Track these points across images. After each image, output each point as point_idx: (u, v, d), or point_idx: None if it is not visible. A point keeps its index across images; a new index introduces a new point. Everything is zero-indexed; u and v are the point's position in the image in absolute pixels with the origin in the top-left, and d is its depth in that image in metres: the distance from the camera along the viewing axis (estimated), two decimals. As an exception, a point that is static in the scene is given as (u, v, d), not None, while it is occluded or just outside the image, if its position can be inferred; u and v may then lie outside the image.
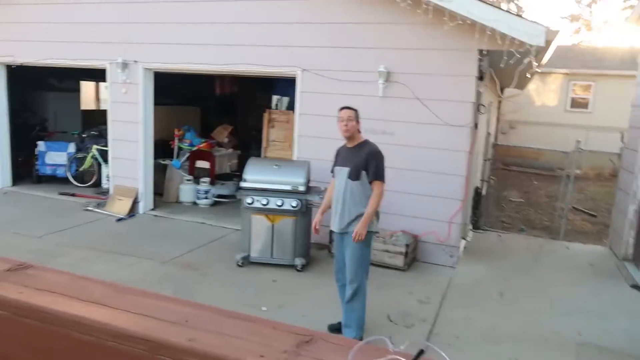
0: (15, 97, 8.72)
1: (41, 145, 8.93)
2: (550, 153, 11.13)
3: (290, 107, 7.14)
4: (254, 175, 5.47)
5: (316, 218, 4.16)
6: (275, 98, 8.30)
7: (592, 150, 10.29)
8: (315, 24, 6.16)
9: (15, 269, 0.89)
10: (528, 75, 8.18)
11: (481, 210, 7.90)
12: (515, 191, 11.52)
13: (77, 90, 11.37)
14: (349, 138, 3.90)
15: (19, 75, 8.49)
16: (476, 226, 7.68)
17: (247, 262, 5.47)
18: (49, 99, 10.25)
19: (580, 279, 5.79)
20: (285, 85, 6.90)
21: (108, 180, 8.03)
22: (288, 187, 5.35)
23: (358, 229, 3.73)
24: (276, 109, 8.16)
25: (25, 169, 8.99)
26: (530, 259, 6.41)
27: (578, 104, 17.52)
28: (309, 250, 5.67)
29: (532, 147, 11.83)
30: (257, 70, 6.60)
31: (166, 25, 6.99)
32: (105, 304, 0.84)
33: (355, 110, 3.92)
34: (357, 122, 3.91)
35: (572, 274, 5.94)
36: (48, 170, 8.95)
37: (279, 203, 5.32)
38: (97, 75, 7.75)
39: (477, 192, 7.79)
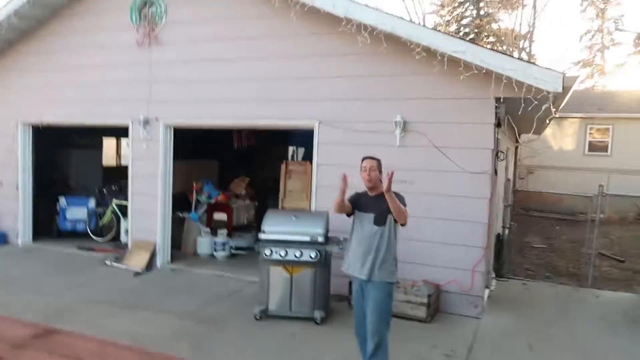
0: (39, 154, 8.99)
1: (62, 201, 9.09)
2: (572, 198, 10.93)
3: (306, 157, 7.21)
4: (273, 227, 5.44)
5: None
6: (291, 149, 8.43)
7: (616, 194, 10.07)
8: (332, 77, 6.30)
9: (41, 335, 0.86)
10: (547, 121, 8.18)
11: (504, 258, 7.69)
12: (537, 237, 11.25)
13: (99, 147, 11.70)
14: (372, 188, 3.91)
15: (44, 133, 8.80)
16: (499, 274, 7.46)
17: (265, 315, 5.35)
18: (71, 156, 10.55)
19: (614, 329, 5.51)
20: (302, 136, 7.00)
21: (126, 234, 8.08)
22: (307, 238, 5.30)
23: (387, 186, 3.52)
24: (293, 159, 8.25)
25: (46, 225, 9.11)
26: (559, 308, 6.15)
27: (596, 147, 17.40)
28: (329, 302, 5.53)
29: (554, 193, 11.65)
30: (275, 123, 6.73)
31: (186, 84, 7.22)
32: None
33: (378, 160, 3.95)
34: (380, 171, 3.92)
35: (605, 324, 5.66)
36: (69, 225, 9.07)
37: (298, 254, 5.25)
38: (119, 131, 7.97)
39: (499, 239, 7.62)
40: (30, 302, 5.75)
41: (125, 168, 7.98)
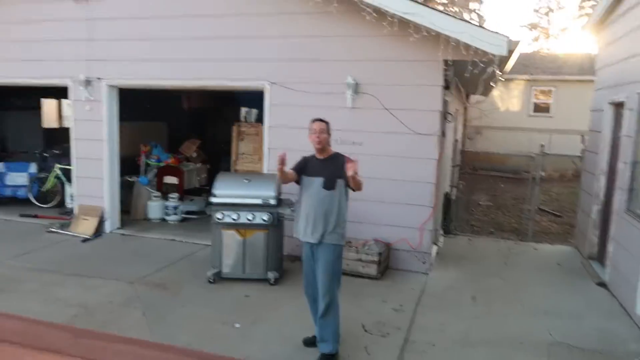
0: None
1: (0, 166, 8.60)
2: (516, 157, 11.41)
3: (259, 119, 7.11)
4: (224, 190, 5.39)
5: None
6: (243, 110, 8.26)
7: (556, 153, 10.59)
8: (283, 37, 6.16)
9: None
10: (493, 84, 8.40)
11: (451, 216, 8.00)
12: (483, 195, 11.74)
13: (38, 108, 11.04)
14: (321, 150, 3.89)
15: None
16: (447, 231, 7.78)
17: (218, 278, 5.37)
18: (8, 119, 9.92)
19: (549, 280, 5.92)
20: (254, 97, 6.86)
21: (72, 200, 7.79)
22: (259, 201, 5.30)
23: (353, 167, 3.53)
24: (245, 121, 8.11)
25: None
26: (501, 261, 6.52)
27: (540, 108, 18.08)
28: (282, 263, 5.61)
29: (499, 153, 12.11)
30: (224, 85, 6.55)
31: (130, 42, 6.87)
32: (61, 351, 0.78)
33: (327, 123, 3.92)
34: (329, 134, 3.91)
35: (541, 275, 6.06)
36: (8, 192, 8.63)
37: (250, 217, 5.25)
38: (59, 92, 7.54)
39: (447, 198, 7.90)
40: (-30, 273, 5.52)
41: (68, 130, 7.60)
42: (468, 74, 5.48)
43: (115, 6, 6.87)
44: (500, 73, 6.04)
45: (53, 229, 7.26)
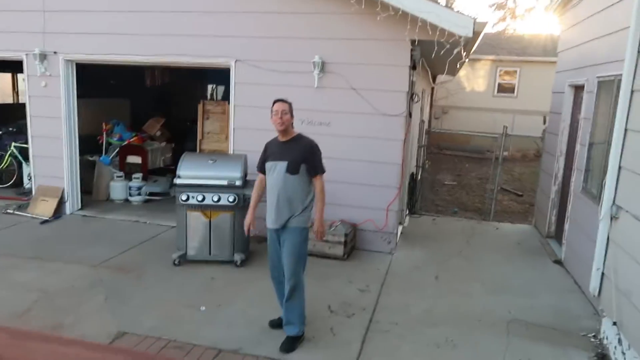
0: None
1: (-50, 145, 8.19)
2: (480, 137, 11.63)
3: (227, 96, 6.95)
4: (189, 171, 5.29)
5: (248, 217, 4.02)
6: (210, 87, 8.09)
7: (518, 134, 10.84)
8: (249, 12, 6.00)
9: None
10: (458, 65, 8.47)
11: (417, 195, 8.13)
12: (448, 175, 11.96)
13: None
14: (283, 132, 3.82)
15: None
16: (412, 211, 7.91)
17: (184, 260, 5.31)
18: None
19: (509, 258, 6.12)
20: (221, 74, 6.69)
21: (30, 180, 7.49)
22: (224, 182, 5.23)
23: (318, 227, 3.81)
24: (212, 99, 7.95)
25: None
26: (463, 241, 6.69)
27: (504, 89, 18.41)
28: (248, 245, 5.59)
29: (464, 132, 12.32)
30: (188, 61, 6.36)
31: (88, 14, 6.55)
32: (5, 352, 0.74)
33: (290, 103, 3.84)
34: (292, 115, 3.83)
35: (502, 254, 6.26)
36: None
37: (216, 199, 5.18)
38: (14, 66, 7.17)
39: (413, 178, 8.00)
40: None
41: (23, 106, 7.26)
42: (434, 54, 5.49)
43: (71, -24, 6.53)
44: (466, 54, 6.08)
45: (10, 211, 6.99)
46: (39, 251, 5.59)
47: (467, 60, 7.28)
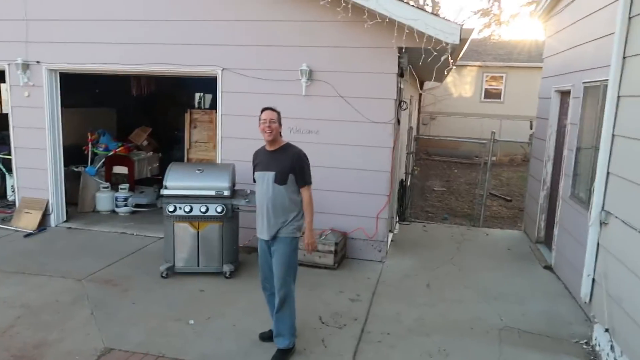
0: None
1: None
2: (468, 142, 11.68)
3: (214, 105, 6.89)
4: (176, 182, 5.21)
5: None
6: (197, 96, 8.02)
7: (506, 140, 10.90)
8: (235, 21, 5.97)
9: None
10: (446, 72, 8.50)
11: (406, 202, 8.12)
12: (437, 181, 11.99)
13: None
14: (271, 141, 3.77)
15: None
16: (402, 218, 7.89)
17: (172, 272, 5.22)
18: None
19: (500, 265, 6.11)
20: (209, 83, 6.63)
21: (13, 192, 7.35)
22: (212, 192, 5.16)
23: (308, 240, 3.73)
24: (199, 107, 7.88)
25: None
26: (453, 247, 6.68)
27: (491, 94, 18.58)
28: (238, 256, 5.51)
29: (452, 138, 12.37)
30: (174, 70, 6.29)
31: (71, 23, 6.47)
32: None
33: (278, 112, 3.79)
34: (280, 124, 3.79)
35: (492, 260, 6.25)
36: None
37: (203, 209, 5.11)
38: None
39: (402, 185, 7.99)
40: None
41: (6, 116, 7.13)
42: (422, 61, 5.49)
43: (54, -15, 6.44)
44: (453, 61, 6.10)
45: (-8, 224, 6.84)
46: (22, 265, 5.45)
47: (454, 66, 7.31)
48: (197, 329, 4.15)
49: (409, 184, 8.53)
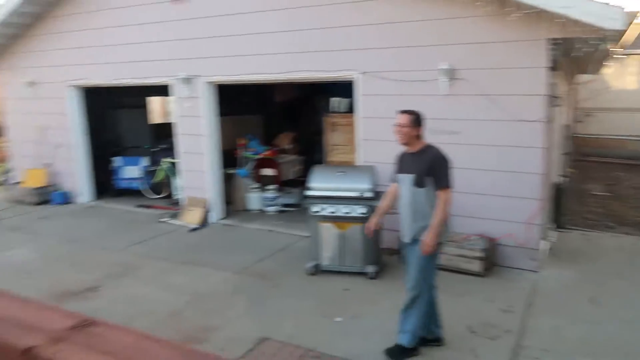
0: (93, 116, 9.27)
1: (116, 161, 9.42)
2: (636, 141, 10.22)
3: (351, 109, 7.00)
4: (320, 183, 5.40)
5: (372, 219, 4.11)
6: (334, 101, 8.23)
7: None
8: (371, 25, 5.99)
9: (80, 325, 0.83)
10: (606, 61, 7.57)
11: (563, 208, 7.37)
12: (597, 184, 10.70)
13: (146, 106, 11.87)
14: (407, 144, 3.72)
15: (93, 97, 9.03)
16: (559, 225, 7.17)
17: (317, 270, 5.42)
18: (121, 116, 10.79)
19: (684, 282, 5.22)
20: (344, 87, 6.77)
21: (179, 191, 8.30)
22: (355, 194, 5.24)
23: (426, 239, 3.54)
24: (336, 112, 8.08)
25: (104, 184, 9.50)
26: (624, 260, 5.88)
27: (663, 85, 16.04)
28: (380, 257, 5.52)
29: (615, 136, 10.92)
30: (315, 76, 6.53)
31: (225, 38, 7.09)
32: None
33: (414, 115, 3.69)
34: (414, 127, 3.67)
35: (673, 276, 5.36)
36: (124, 184, 9.43)
37: (347, 210, 5.22)
38: (163, 90, 8.04)
39: (557, 189, 7.27)
40: (96, 258, 6.10)
41: (170, 126, 8.07)
42: (579, 53, 4.92)
43: (209, 4, 7.11)
44: (617, 49, 5.38)
45: (163, 219, 7.79)
46: (189, 257, 6.12)
47: (614, 56, 6.45)
48: (344, 326, 4.24)
49: (565, 187, 7.74)
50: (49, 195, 9.14)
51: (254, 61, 6.91)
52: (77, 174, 9.13)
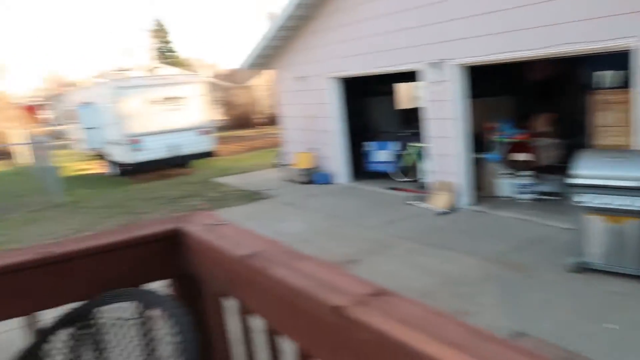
0: (347, 105, 10.22)
1: (368, 145, 10.17)
2: None
3: (624, 83, 5.88)
4: (588, 170, 4.75)
5: None
6: (599, 75, 7.07)
7: None
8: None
9: (377, 293, 0.92)
10: None
11: None
12: None
13: (393, 92, 12.40)
14: None
15: (348, 86, 9.94)
16: None
17: (580, 268, 4.81)
18: (372, 103, 11.57)
19: None
20: (610, 58, 5.72)
21: (423, 175, 8.44)
22: (635, 184, 4.43)
23: None
24: (602, 87, 6.93)
25: (358, 167, 10.39)
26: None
27: None
28: (667, 261, 4.56)
29: None
30: (581, 48, 5.72)
31: (474, 18, 6.82)
32: (462, 349, 0.76)
33: None
34: None
35: None
36: (374, 167, 10.14)
37: (624, 202, 4.46)
38: (410, 76, 8.26)
39: None
40: (353, 233, 6.77)
41: (417, 110, 8.22)
42: None
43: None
44: None
45: (411, 202, 8.07)
46: (436, 240, 6.22)
47: None
48: (614, 335, 3.67)
49: None
50: (313, 176, 10.49)
51: (509, 38, 6.47)
52: (336, 157, 10.23)
